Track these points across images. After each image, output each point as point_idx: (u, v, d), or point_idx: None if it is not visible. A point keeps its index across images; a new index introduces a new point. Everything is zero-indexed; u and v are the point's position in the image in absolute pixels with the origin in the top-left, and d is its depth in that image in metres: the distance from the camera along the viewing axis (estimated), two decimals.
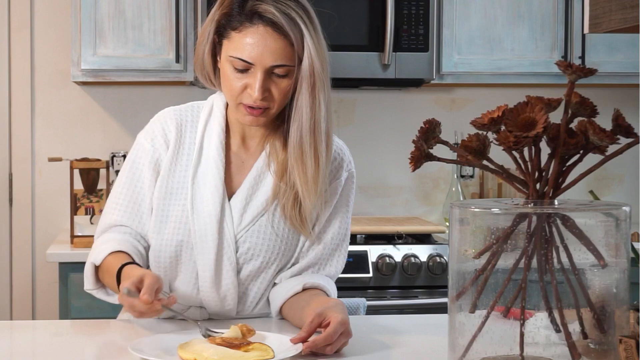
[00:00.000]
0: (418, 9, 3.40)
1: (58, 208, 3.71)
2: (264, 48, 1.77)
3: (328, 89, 1.84)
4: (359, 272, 3.21)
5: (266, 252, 1.89)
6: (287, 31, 1.77)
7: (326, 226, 1.93)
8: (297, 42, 1.78)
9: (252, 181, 1.90)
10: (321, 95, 1.82)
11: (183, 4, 3.40)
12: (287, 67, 1.79)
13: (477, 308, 1.33)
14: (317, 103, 1.81)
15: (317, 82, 1.80)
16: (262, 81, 1.78)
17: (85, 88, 3.75)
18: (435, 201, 3.91)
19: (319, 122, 1.82)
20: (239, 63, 1.79)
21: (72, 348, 1.73)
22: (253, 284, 1.91)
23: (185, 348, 1.55)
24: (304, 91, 1.81)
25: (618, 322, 1.32)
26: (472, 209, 1.36)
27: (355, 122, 3.87)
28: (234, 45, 1.80)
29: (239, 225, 1.88)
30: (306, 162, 1.83)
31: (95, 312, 3.07)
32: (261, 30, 1.78)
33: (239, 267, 1.88)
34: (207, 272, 1.87)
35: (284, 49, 1.78)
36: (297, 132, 1.83)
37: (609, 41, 3.56)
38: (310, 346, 1.58)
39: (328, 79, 1.84)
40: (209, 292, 1.88)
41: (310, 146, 1.83)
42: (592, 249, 1.30)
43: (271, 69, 1.79)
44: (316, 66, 1.80)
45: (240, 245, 1.88)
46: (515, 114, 1.31)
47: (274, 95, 1.81)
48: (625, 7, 1.24)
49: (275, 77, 1.80)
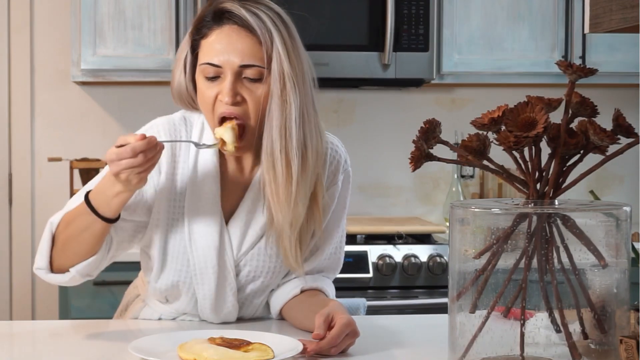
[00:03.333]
0: (418, 8, 3.40)
1: (58, 208, 3.68)
2: (230, 47, 1.70)
3: (303, 93, 1.74)
4: (359, 272, 3.21)
5: (267, 273, 1.85)
6: (254, 28, 1.70)
7: (325, 233, 1.88)
8: (266, 41, 1.70)
9: (250, 205, 1.82)
10: (292, 99, 1.71)
11: (183, 4, 3.39)
12: (257, 69, 1.71)
13: (477, 308, 1.33)
14: (288, 107, 1.71)
15: (287, 85, 1.70)
16: (232, 83, 1.70)
17: (85, 88, 3.75)
18: (436, 201, 3.91)
19: (290, 127, 1.71)
20: (208, 69, 1.72)
21: (72, 348, 1.73)
22: (255, 298, 1.89)
23: (185, 348, 1.55)
24: (274, 95, 1.71)
25: (618, 322, 1.32)
26: (473, 209, 1.35)
27: (355, 122, 3.87)
28: (203, 53, 1.74)
29: (239, 252, 1.83)
30: (277, 170, 1.72)
31: (95, 312, 3.07)
32: (226, 29, 1.72)
33: (239, 287, 1.85)
34: (207, 300, 1.84)
35: (251, 48, 1.71)
36: (267, 138, 1.72)
37: (609, 41, 3.55)
38: (315, 349, 1.58)
39: (306, 84, 1.75)
40: (209, 315, 1.86)
41: (281, 152, 1.71)
42: (593, 249, 1.30)
43: (241, 71, 1.71)
44: (285, 68, 1.70)
45: (241, 269, 1.84)
46: (516, 114, 1.31)
47: (248, 102, 1.72)
48: (625, 7, 1.24)
49: (247, 81, 1.72)
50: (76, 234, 1.73)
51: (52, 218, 1.79)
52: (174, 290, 1.85)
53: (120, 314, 2.02)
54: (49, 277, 1.79)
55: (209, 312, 1.85)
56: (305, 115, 1.74)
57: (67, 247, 1.76)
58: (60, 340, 1.81)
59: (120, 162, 1.61)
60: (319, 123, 1.81)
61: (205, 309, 1.85)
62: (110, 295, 3.05)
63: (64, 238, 1.76)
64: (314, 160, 1.77)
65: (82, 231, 1.73)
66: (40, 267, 1.78)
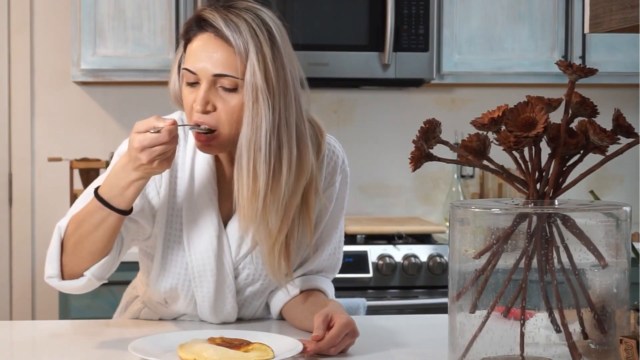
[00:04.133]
0: (418, 8, 3.40)
1: (58, 208, 3.71)
2: (206, 55, 1.68)
3: (282, 105, 1.69)
4: (359, 272, 3.21)
5: (266, 275, 1.84)
6: (228, 38, 1.67)
7: (323, 234, 1.89)
8: (240, 52, 1.66)
9: None
10: (264, 113, 1.66)
11: (183, 4, 3.39)
12: (231, 79, 1.67)
13: (477, 308, 1.33)
14: (259, 120, 1.66)
15: (259, 98, 1.66)
16: (205, 92, 1.67)
17: (85, 88, 3.75)
18: (436, 201, 3.91)
19: (259, 142, 1.66)
20: (188, 75, 1.71)
21: (72, 348, 1.73)
22: (254, 299, 1.89)
23: (185, 348, 1.55)
24: (246, 107, 1.67)
25: (618, 322, 1.32)
26: (473, 209, 1.35)
27: (355, 122, 3.87)
28: (186, 57, 1.73)
29: (237, 255, 1.83)
30: (242, 181, 1.68)
31: (95, 312, 3.07)
32: (205, 37, 1.69)
33: (238, 289, 1.85)
34: (206, 302, 1.84)
35: (226, 58, 1.67)
36: (238, 150, 1.69)
37: (609, 41, 3.56)
38: (315, 349, 1.58)
39: (287, 94, 1.70)
40: (208, 317, 1.86)
41: (248, 164, 1.67)
42: (593, 249, 1.30)
43: (215, 80, 1.68)
44: (258, 81, 1.65)
45: (240, 272, 1.84)
46: (516, 114, 1.31)
47: (221, 112, 1.68)
48: (625, 7, 1.24)
49: (222, 91, 1.68)
50: (88, 232, 1.70)
51: (59, 222, 1.76)
52: (173, 293, 1.85)
53: (120, 314, 2.02)
54: (62, 284, 1.76)
55: (208, 314, 1.85)
56: (283, 127, 1.69)
57: (79, 249, 1.72)
58: (60, 340, 1.81)
59: (155, 148, 1.59)
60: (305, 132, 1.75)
61: (205, 311, 1.85)
62: (110, 295, 3.05)
63: (75, 240, 1.72)
64: (292, 174, 1.71)
65: (95, 229, 1.69)
66: (52, 275, 1.75)
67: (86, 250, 1.72)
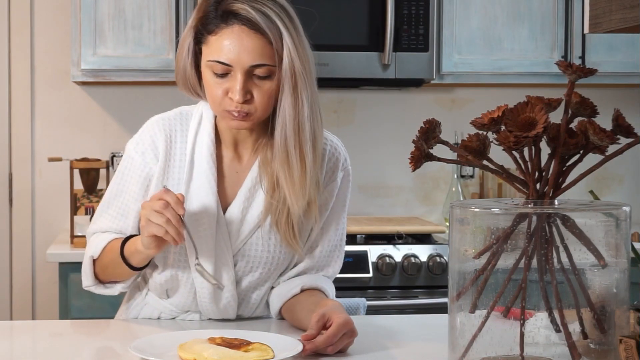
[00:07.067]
0: (418, 9, 3.40)
1: (58, 208, 3.71)
2: (241, 48, 1.72)
3: (312, 88, 1.78)
4: (359, 272, 3.21)
5: (265, 264, 1.86)
6: (264, 29, 1.72)
7: (324, 229, 1.90)
8: (276, 40, 1.73)
9: (246, 193, 1.84)
10: (304, 95, 1.76)
11: (183, 4, 3.39)
12: (267, 67, 1.74)
13: (477, 308, 1.34)
14: (300, 103, 1.76)
15: (299, 82, 1.75)
16: (242, 83, 1.73)
17: (85, 88, 3.75)
18: (435, 201, 3.91)
19: (303, 123, 1.77)
20: (217, 67, 1.74)
21: (72, 348, 1.73)
22: (253, 292, 1.90)
23: (185, 348, 1.55)
24: (286, 91, 1.75)
25: (618, 322, 1.32)
26: (472, 209, 1.36)
27: (355, 122, 3.87)
28: (211, 49, 1.75)
29: (236, 240, 1.84)
30: (292, 165, 1.78)
31: (95, 312, 3.07)
32: (237, 29, 1.72)
33: (237, 279, 1.87)
34: (206, 290, 1.85)
35: (262, 48, 1.73)
36: (281, 134, 1.77)
37: (609, 41, 3.56)
38: (312, 348, 1.58)
39: (312, 78, 1.79)
40: (208, 306, 1.87)
41: (295, 148, 1.77)
42: (592, 249, 1.30)
43: (251, 70, 1.73)
44: (297, 65, 1.74)
45: (239, 260, 1.85)
46: (515, 114, 1.31)
47: (257, 99, 1.75)
48: (625, 7, 1.24)
49: (256, 78, 1.74)
50: (111, 271, 1.88)
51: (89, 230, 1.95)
52: (174, 282, 1.86)
53: (124, 302, 2.02)
54: (99, 290, 1.92)
55: (208, 302, 1.86)
56: (315, 110, 1.80)
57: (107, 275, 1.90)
58: (60, 340, 1.81)
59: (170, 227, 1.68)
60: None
61: (204, 299, 1.85)
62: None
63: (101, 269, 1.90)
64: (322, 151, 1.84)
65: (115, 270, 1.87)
66: (88, 285, 1.91)
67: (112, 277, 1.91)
